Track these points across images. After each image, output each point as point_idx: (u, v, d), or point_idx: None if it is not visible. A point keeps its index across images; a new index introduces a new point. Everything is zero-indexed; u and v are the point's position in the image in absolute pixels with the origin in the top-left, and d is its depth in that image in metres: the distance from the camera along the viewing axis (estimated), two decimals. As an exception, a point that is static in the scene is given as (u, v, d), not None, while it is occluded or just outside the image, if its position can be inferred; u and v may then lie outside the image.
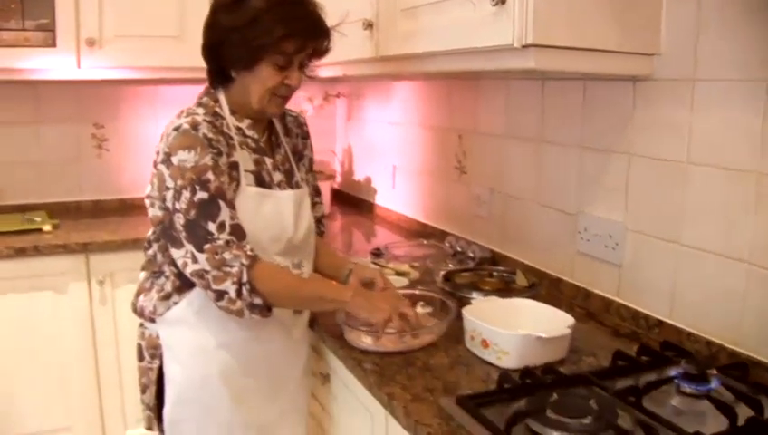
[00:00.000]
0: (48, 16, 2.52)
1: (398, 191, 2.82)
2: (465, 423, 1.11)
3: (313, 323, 1.64)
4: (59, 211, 2.90)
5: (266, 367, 1.55)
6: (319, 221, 1.75)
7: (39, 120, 2.95)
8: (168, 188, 1.35)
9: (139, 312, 1.54)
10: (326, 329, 1.58)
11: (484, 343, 1.37)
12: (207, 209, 1.33)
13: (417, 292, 1.69)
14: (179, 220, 1.34)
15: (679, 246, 1.46)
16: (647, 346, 1.37)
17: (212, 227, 1.33)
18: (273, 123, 1.59)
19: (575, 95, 1.73)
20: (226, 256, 1.32)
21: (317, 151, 1.78)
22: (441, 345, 1.47)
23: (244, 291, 1.32)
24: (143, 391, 1.57)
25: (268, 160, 1.50)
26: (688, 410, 1.16)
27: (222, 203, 1.34)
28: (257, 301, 1.33)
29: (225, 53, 1.41)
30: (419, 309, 1.59)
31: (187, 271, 1.36)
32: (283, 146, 1.58)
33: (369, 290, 1.55)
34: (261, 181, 1.46)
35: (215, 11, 1.42)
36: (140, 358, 1.56)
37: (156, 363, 1.52)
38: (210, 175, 1.34)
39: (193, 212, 1.32)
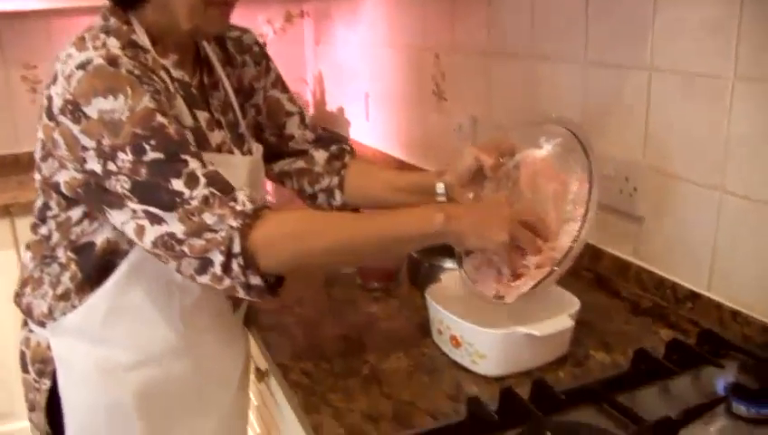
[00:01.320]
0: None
1: (373, 123, 2.41)
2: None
3: (248, 320, 1.25)
4: (-6, 166, 2.59)
5: (197, 381, 1.16)
6: (339, 140, 1.29)
7: (-45, 63, 2.55)
8: (85, 149, 0.90)
9: (25, 309, 1.12)
10: (260, 327, 1.20)
11: (455, 341, 1.00)
12: (167, 167, 0.89)
13: (526, 129, 1.12)
14: (122, 184, 0.89)
15: (722, 194, 1.06)
16: (680, 342, 0.98)
17: (178, 184, 0.88)
18: (205, 55, 1.12)
19: (576, -8, 1.30)
20: (207, 218, 0.88)
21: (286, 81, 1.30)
22: (401, 338, 1.10)
23: (235, 266, 0.88)
24: (31, 409, 1.17)
25: (201, 115, 1.05)
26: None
27: (186, 156, 0.90)
28: (255, 281, 0.90)
29: None
30: (542, 152, 1.04)
31: (146, 240, 0.90)
32: (222, 87, 1.13)
33: (477, 193, 1.05)
34: (198, 143, 0.98)
35: None
36: (24, 369, 1.16)
37: (45, 384, 1.11)
38: (160, 118, 0.89)
39: (144, 171, 0.88)
